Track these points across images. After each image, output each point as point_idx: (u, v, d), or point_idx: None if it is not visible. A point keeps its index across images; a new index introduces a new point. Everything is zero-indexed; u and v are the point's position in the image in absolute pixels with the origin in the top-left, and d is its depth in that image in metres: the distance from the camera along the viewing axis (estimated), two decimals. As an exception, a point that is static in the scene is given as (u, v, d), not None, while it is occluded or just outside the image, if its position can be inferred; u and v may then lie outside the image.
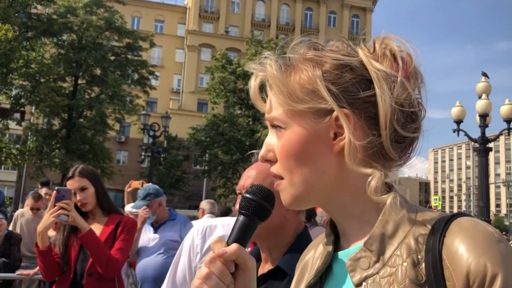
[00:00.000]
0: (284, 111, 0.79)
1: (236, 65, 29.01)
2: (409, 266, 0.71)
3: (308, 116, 0.77)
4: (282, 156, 0.79)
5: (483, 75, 11.93)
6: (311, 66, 0.78)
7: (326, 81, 0.76)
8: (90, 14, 26.24)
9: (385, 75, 0.76)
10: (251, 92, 0.85)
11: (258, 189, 0.83)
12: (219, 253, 0.74)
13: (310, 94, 0.77)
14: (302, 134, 0.78)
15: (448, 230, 0.71)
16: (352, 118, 0.75)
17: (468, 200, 51.02)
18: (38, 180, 11.14)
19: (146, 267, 4.08)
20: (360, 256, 0.76)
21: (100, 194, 2.74)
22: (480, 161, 11.77)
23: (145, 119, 17.69)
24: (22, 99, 23.15)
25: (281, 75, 0.79)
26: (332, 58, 0.78)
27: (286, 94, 0.78)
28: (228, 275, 0.74)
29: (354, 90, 0.76)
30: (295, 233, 1.47)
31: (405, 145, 0.79)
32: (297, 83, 0.78)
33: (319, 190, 0.79)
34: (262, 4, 45.27)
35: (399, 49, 0.79)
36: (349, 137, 0.75)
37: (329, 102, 0.75)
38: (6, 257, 5.17)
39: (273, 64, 0.81)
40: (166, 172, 28.88)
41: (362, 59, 0.78)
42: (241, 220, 0.80)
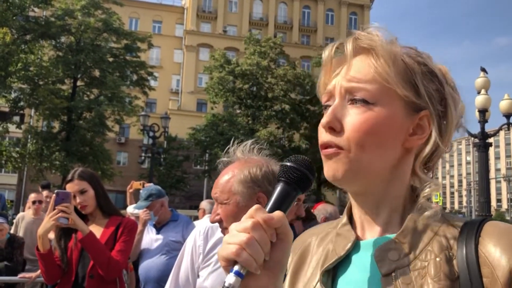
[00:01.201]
0: (381, 86, 0.76)
1: (235, 65, 29.00)
2: (443, 261, 0.73)
3: (401, 103, 0.77)
4: (361, 129, 0.75)
5: (481, 71, 11.92)
6: (412, 60, 0.79)
7: (424, 80, 0.79)
8: (88, 16, 26.22)
9: (453, 97, 0.82)
10: (327, 55, 0.83)
11: (301, 159, 0.77)
12: (265, 218, 0.68)
13: (408, 83, 0.77)
14: (390, 117, 0.77)
15: (482, 230, 0.74)
16: (435, 123, 0.79)
17: (469, 196, 51.04)
18: (39, 183, 11.16)
19: (149, 268, 4.09)
20: (390, 247, 0.76)
21: (100, 196, 2.75)
22: (480, 157, 11.76)
23: (145, 120, 17.68)
24: (21, 102, 23.15)
25: (390, 46, 0.78)
26: (427, 62, 0.81)
27: (393, 71, 0.76)
28: (268, 243, 0.69)
29: (438, 98, 0.80)
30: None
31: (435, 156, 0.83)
32: (402, 69, 0.77)
33: (373, 176, 0.78)
34: (259, 3, 45.22)
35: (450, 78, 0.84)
36: (435, 138, 0.78)
37: (426, 101, 0.78)
38: (9, 260, 5.18)
39: (378, 33, 0.79)
40: (166, 172, 28.89)
41: (444, 75, 0.82)
42: (282, 187, 0.74)
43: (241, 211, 1.47)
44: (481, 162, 11.76)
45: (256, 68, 28.26)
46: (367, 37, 0.79)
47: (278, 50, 30.01)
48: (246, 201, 1.48)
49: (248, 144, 1.61)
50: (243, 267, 0.67)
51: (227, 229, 1.45)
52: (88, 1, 26.16)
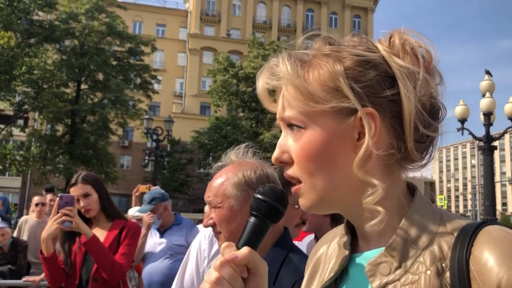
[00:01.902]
0: (303, 112, 0.74)
1: (239, 68, 29.05)
2: (433, 274, 0.68)
3: (330, 115, 0.73)
4: (301, 159, 0.74)
5: (486, 73, 11.88)
6: (331, 62, 0.73)
7: (348, 79, 0.71)
8: (92, 20, 26.35)
9: (407, 72, 0.72)
10: (259, 92, 0.79)
11: (271, 190, 0.78)
12: (229, 257, 0.70)
13: (332, 93, 0.72)
14: (324, 135, 0.73)
15: (476, 239, 0.67)
16: (377, 117, 0.71)
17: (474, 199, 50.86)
18: (43, 186, 11.17)
19: (153, 271, 4.08)
20: (380, 261, 0.72)
21: (103, 200, 2.74)
22: (485, 160, 11.70)
23: (148, 123, 17.71)
24: (25, 105, 23.24)
25: (297, 73, 0.74)
26: (353, 54, 0.73)
27: (305, 94, 0.73)
28: (239, 280, 0.70)
29: (379, 88, 0.72)
30: (271, 236, 1.47)
31: (426, 145, 0.76)
32: (316, 80, 0.73)
33: (342, 194, 0.74)
34: (263, 6, 45.33)
35: (418, 45, 0.75)
36: (367, 142, 0.71)
37: (352, 101, 0.71)
38: (12, 264, 5.18)
39: (286, 62, 0.75)
40: (170, 176, 28.94)
41: (384, 55, 0.74)
42: (252, 222, 0.75)
43: (234, 215, 1.45)
44: (486, 165, 11.70)
45: (259, 71, 28.30)
46: (273, 78, 0.76)
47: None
48: (240, 204, 1.45)
49: (242, 147, 1.58)
50: None
51: (221, 233, 1.44)
52: (92, 4, 26.30)
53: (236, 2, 44.64)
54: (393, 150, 0.72)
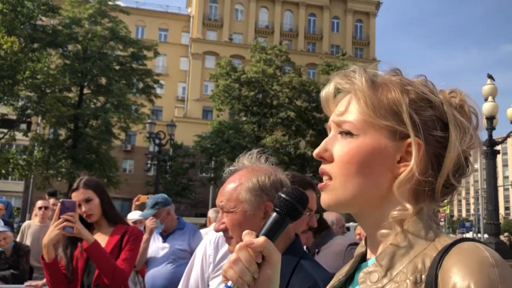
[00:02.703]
0: (362, 119, 0.82)
1: (241, 72, 29.08)
2: (410, 283, 0.74)
3: (383, 132, 0.81)
4: (344, 159, 0.82)
5: (488, 78, 11.86)
6: (399, 90, 0.82)
7: (410, 108, 0.80)
8: (95, 25, 26.46)
9: (461, 124, 0.81)
10: (324, 95, 0.89)
11: (293, 191, 0.88)
12: (247, 242, 0.81)
13: (393, 114, 0.81)
14: (373, 146, 0.81)
15: (448, 253, 0.73)
16: (423, 149, 0.80)
17: (477, 204, 50.66)
18: (45, 190, 11.19)
19: (156, 276, 4.08)
20: (372, 270, 0.80)
21: (105, 205, 2.73)
22: (488, 164, 11.67)
23: (151, 128, 17.73)
24: (28, 110, 23.31)
25: (370, 88, 0.83)
26: (419, 90, 0.83)
27: (370, 105, 0.81)
28: (253, 263, 0.80)
29: (431, 126, 0.81)
30: (283, 242, 1.45)
31: (448, 191, 0.84)
32: (384, 99, 0.82)
33: (363, 202, 0.83)
34: (265, 11, 45.43)
35: (473, 110, 0.86)
36: (413, 165, 0.79)
37: (408, 128, 0.80)
38: (15, 268, 5.19)
39: (363, 75, 0.84)
40: (172, 180, 28.92)
41: (443, 102, 0.83)
42: (273, 217, 0.86)
43: (247, 220, 1.43)
44: (489, 169, 11.66)
45: (261, 75, 28.33)
46: (347, 82, 0.85)
47: (283, 58, 30.09)
48: (254, 209, 1.44)
49: (255, 153, 1.58)
50: (234, 283, 0.80)
51: (233, 238, 1.43)
52: (95, 9, 26.41)
53: (238, 6, 44.77)
54: (428, 181, 0.80)
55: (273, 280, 0.82)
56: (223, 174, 1.58)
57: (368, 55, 46.30)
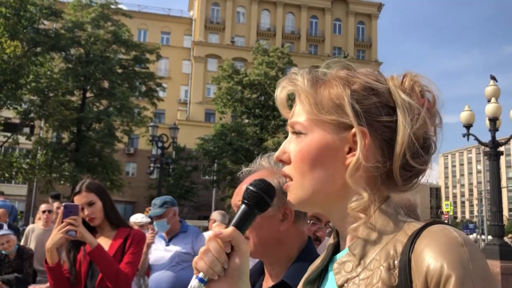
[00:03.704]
0: (308, 118, 0.85)
1: (243, 75, 29.10)
2: (384, 269, 0.76)
3: (329, 127, 0.84)
4: (297, 159, 0.85)
5: (491, 79, 11.83)
6: (342, 84, 0.84)
7: (352, 99, 0.82)
8: (97, 28, 26.53)
9: (409, 106, 0.82)
10: (277, 101, 0.91)
11: (260, 182, 0.90)
12: (215, 233, 0.83)
13: (336, 108, 0.83)
14: (320, 142, 0.84)
15: (419, 236, 0.75)
16: (368, 137, 0.81)
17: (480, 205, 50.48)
18: (48, 194, 11.20)
19: (160, 280, 4.08)
20: (345, 260, 0.82)
21: (108, 208, 2.73)
22: (491, 165, 11.63)
23: (154, 131, 17.75)
24: (31, 113, 23.36)
25: (311, 87, 0.86)
26: (362, 80, 0.85)
27: (313, 104, 0.85)
28: (223, 253, 0.82)
29: (376, 112, 0.82)
30: (297, 245, 1.43)
31: (411, 174, 0.84)
32: (326, 96, 0.85)
33: (324, 196, 0.85)
34: (267, 13, 45.50)
35: (426, 89, 0.85)
36: (358, 154, 0.81)
37: (351, 118, 0.81)
38: (19, 272, 5.19)
39: (305, 76, 0.87)
40: (175, 183, 28.94)
41: (390, 87, 0.85)
42: (242, 209, 0.88)
43: (266, 221, 1.39)
44: (492, 170, 11.62)
45: (264, 78, 28.35)
46: (288, 82, 0.88)
47: (286, 60, 30.10)
48: (273, 211, 1.40)
49: (273, 155, 1.57)
50: (205, 274, 0.82)
51: (249, 239, 1.41)
52: (98, 13, 26.49)
53: (240, 9, 44.85)
54: (378, 166, 0.82)
55: (242, 269, 0.83)
56: (239, 176, 1.56)
57: (370, 57, 46.30)
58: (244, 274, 0.84)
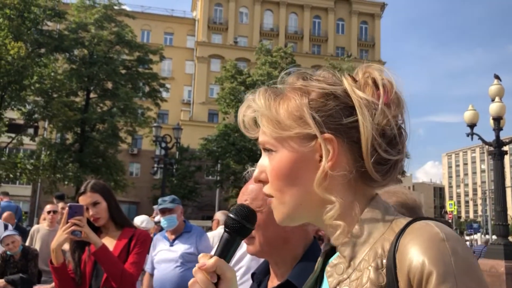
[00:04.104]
0: (273, 137, 0.85)
1: (246, 75, 29.11)
2: (372, 269, 0.76)
3: (295, 140, 0.83)
4: (272, 177, 0.86)
5: (495, 78, 11.79)
6: (299, 95, 0.84)
7: (311, 109, 0.82)
8: (101, 29, 26.61)
9: (366, 103, 0.81)
10: (239, 123, 0.92)
11: (240, 209, 0.93)
12: (199, 265, 0.86)
13: (297, 121, 0.83)
14: (290, 157, 0.84)
15: (403, 234, 0.75)
16: (335, 142, 0.81)
17: (484, 205, 50.32)
18: (53, 195, 11.23)
19: (164, 280, 4.09)
20: (336, 263, 0.83)
21: (112, 208, 2.73)
22: (496, 165, 11.58)
23: (157, 131, 17.79)
24: (35, 114, 23.45)
25: (268, 107, 0.86)
26: (318, 88, 0.84)
27: (274, 123, 0.85)
28: (209, 284, 0.85)
29: (338, 116, 0.82)
30: (302, 245, 1.43)
31: (389, 167, 0.83)
32: (285, 111, 0.84)
33: (307, 208, 0.85)
34: (270, 13, 45.49)
35: (380, 77, 0.84)
36: (324, 164, 0.81)
37: (313, 128, 0.81)
38: (23, 272, 5.22)
39: (261, 97, 0.87)
40: (178, 183, 28.96)
41: (346, 88, 0.84)
42: (224, 237, 0.91)
43: (271, 221, 1.39)
44: (496, 170, 11.58)
45: (267, 78, 28.32)
46: (249, 109, 0.89)
47: (289, 60, 30.08)
48: None
49: None
50: None
51: (255, 238, 1.42)
52: (101, 14, 26.57)
53: (243, 10, 44.85)
54: (352, 170, 0.82)
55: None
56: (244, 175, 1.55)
57: (374, 56, 46.21)
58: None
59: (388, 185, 0.85)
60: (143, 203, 34.48)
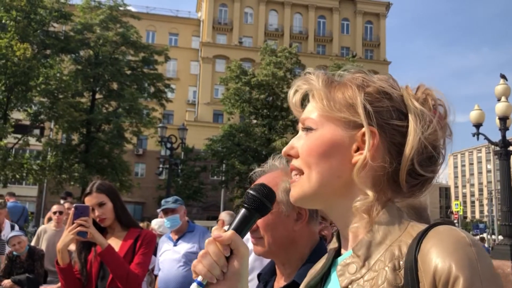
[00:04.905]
0: (319, 114, 0.87)
1: (251, 75, 29.10)
2: (389, 270, 0.76)
3: (340, 124, 0.85)
4: (304, 152, 0.86)
5: (501, 78, 11.75)
6: (356, 86, 0.86)
7: (365, 100, 0.84)
8: (106, 30, 26.70)
9: (421, 114, 0.83)
10: (290, 101, 0.93)
11: (261, 187, 0.92)
12: (215, 236, 0.83)
13: (348, 107, 0.85)
14: (330, 137, 0.85)
15: (425, 237, 0.75)
16: (377, 137, 0.82)
17: (490, 205, 50.07)
18: (59, 195, 11.27)
19: (168, 280, 4.10)
20: (349, 262, 0.82)
21: (118, 209, 2.74)
22: (502, 165, 11.53)
23: (162, 132, 17.82)
24: (41, 115, 23.55)
25: (326, 86, 0.88)
26: (377, 84, 0.87)
27: (325, 101, 0.86)
28: (222, 257, 0.82)
29: (388, 115, 0.84)
30: (309, 246, 1.44)
31: (418, 182, 0.85)
32: (339, 95, 0.86)
33: (328, 192, 0.85)
34: (275, 13, 45.47)
35: (439, 102, 0.87)
36: (366, 153, 0.82)
37: (361, 117, 0.83)
38: (30, 272, 5.25)
39: (320, 76, 0.90)
40: (183, 183, 29.00)
41: (403, 95, 0.86)
42: (242, 212, 0.89)
43: (282, 221, 1.40)
44: (502, 170, 11.52)
45: (272, 78, 28.33)
46: (305, 83, 0.90)
47: (294, 60, 30.05)
48: (290, 211, 1.40)
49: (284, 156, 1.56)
50: (204, 278, 0.81)
51: (263, 238, 1.42)
52: (106, 15, 26.66)
53: (248, 10, 44.87)
54: (385, 167, 0.82)
55: (241, 273, 0.83)
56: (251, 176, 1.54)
57: (379, 56, 46.10)
58: (243, 277, 0.84)
59: (409, 198, 0.87)
60: (148, 203, 34.56)
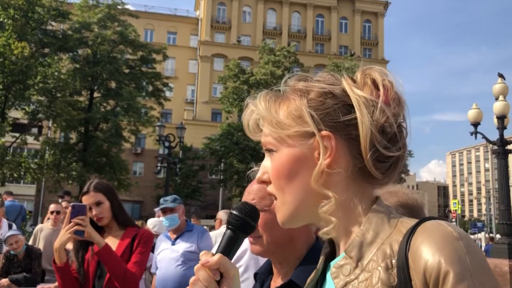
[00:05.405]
0: (273, 137, 0.87)
1: (249, 74, 29.10)
2: (382, 269, 0.76)
3: (294, 138, 0.85)
4: (273, 176, 0.87)
5: (499, 77, 11.76)
6: (298, 96, 0.86)
7: (310, 108, 0.84)
8: (104, 29, 26.67)
9: (365, 101, 0.83)
10: (244, 126, 0.94)
11: (243, 206, 0.92)
12: (202, 262, 0.84)
13: (296, 120, 0.85)
14: (289, 155, 0.85)
15: (414, 234, 0.75)
16: (333, 139, 0.82)
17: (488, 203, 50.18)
18: (57, 194, 11.25)
19: (166, 279, 4.10)
20: (343, 264, 0.82)
21: (115, 208, 2.74)
22: (500, 163, 11.55)
23: (160, 130, 17.80)
24: (39, 114, 23.52)
25: (269, 108, 0.88)
26: (317, 87, 0.86)
27: (274, 123, 0.86)
28: (212, 282, 0.83)
29: (336, 114, 0.83)
30: (306, 245, 1.44)
31: (389, 164, 0.83)
32: (285, 111, 0.86)
33: (309, 207, 0.85)
34: (273, 12, 45.46)
35: (381, 78, 0.85)
36: (321, 160, 0.82)
37: (311, 126, 0.83)
38: (27, 271, 5.24)
39: (262, 100, 0.89)
40: (182, 182, 29.01)
41: (344, 87, 0.85)
42: (227, 234, 0.90)
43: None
44: (500, 169, 11.55)
45: (270, 77, 28.34)
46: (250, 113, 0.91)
47: (292, 59, 30.06)
48: None
49: None
50: None
51: (261, 237, 1.41)
52: (104, 14, 26.63)
53: (246, 9, 44.85)
54: (349, 167, 0.83)
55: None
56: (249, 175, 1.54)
57: (377, 55, 46.12)
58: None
59: (388, 183, 0.86)
60: (146, 202, 34.55)
